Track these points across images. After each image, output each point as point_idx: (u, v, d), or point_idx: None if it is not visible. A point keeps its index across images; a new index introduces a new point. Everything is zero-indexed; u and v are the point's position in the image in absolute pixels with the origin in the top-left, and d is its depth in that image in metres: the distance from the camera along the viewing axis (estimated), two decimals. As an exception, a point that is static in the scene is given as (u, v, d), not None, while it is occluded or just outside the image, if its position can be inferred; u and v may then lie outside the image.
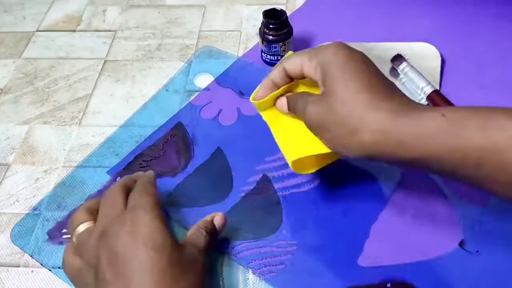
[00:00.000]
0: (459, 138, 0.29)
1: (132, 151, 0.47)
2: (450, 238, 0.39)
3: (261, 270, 0.38)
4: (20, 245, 0.41)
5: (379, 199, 0.42)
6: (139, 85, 0.55)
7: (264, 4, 0.64)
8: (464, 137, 0.29)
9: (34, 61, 0.59)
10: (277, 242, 0.40)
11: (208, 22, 0.62)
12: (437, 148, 0.30)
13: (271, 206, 0.42)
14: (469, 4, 0.60)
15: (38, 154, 0.49)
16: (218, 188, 0.44)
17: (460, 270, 0.37)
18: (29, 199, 0.45)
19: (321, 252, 0.39)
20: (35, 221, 0.43)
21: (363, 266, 0.38)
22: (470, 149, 0.29)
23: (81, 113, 0.52)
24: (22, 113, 0.53)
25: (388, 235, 0.39)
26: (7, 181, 0.47)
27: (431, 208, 0.41)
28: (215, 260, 0.39)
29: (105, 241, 0.32)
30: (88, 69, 0.57)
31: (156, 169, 0.45)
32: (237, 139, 0.47)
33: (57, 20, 0.65)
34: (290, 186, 0.43)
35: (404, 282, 0.37)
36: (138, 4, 0.66)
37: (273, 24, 0.51)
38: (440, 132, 0.29)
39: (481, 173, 0.29)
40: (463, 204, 0.41)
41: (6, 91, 0.56)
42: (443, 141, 0.29)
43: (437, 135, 0.30)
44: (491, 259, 0.37)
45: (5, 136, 0.51)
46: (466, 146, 0.29)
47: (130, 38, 0.61)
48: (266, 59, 0.54)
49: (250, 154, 0.46)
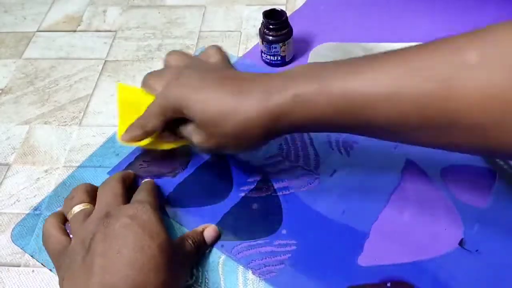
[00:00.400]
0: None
1: (132, 151, 0.47)
2: (450, 238, 0.39)
3: (261, 270, 0.38)
4: (21, 245, 0.41)
5: (379, 199, 0.42)
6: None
7: (264, 4, 0.64)
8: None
9: (34, 61, 0.59)
10: (277, 242, 0.40)
11: (208, 23, 0.62)
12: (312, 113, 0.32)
13: (271, 206, 0.42)
14: (469, 4, 0.60)
15: (39, 154, 0.49)
16: (218, 188, 0.44)
17: (460, 269, 0.37)
18: (29, 199, 0.45)
19: (321, 252, 0.39)
20: (35, 221, 0.43)
21: (363, 265, 0.38)
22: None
23: (81, 113, 0.53)
24: (23, 113, 0.53)
25: (388, 235, 0.39)
26: (8, 181, 0.47)
27: (431, 208, 0.41)
28: (215, 260, 0.39)
29: (106, 222, 0.34)
30: (89, 69, 0.58)
31: (156, 169, 0.45)
32: (237, 139, 0.47)
33: (58, 21, 0.65)
34: (290, 186, 0.43)
35: (404, 281, 0.37)
36: (138, 5, 0.67)
37: (273, 25, 0.51)
38: (296, 108, 0.32)
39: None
40: (463, 204, 0.41)
41: (7, 91, 0.56)
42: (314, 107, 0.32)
43: (295, 108, 0.32)
44: (491, 258, 0.37)
45: (5, 136, 0.51)
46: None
47: (131, 39, 0.61)
48: (266, 59, 0.54)
49: (250, 154, 0.46)
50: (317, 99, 0.31)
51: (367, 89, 0.29)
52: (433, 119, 0.28)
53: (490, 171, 0.43)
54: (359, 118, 0.30)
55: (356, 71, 0.30)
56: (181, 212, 0.42)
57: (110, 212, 0.35)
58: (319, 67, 0.33)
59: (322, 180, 0.43)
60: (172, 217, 0.42)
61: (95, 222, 0.35)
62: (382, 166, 0.44)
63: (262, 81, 0.34)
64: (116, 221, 0.34)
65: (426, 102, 0.28)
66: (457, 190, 0.42)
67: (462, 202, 0.41)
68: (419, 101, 0.28)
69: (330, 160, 0.45)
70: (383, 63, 0.30)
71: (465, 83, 0.26)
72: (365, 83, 0.30)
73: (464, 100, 0.27)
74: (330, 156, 0.45)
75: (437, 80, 0.27)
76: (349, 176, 0.44)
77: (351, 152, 0.45)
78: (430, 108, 0.28)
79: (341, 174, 0.44)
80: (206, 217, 0.41)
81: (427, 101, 0.28)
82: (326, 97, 0.31)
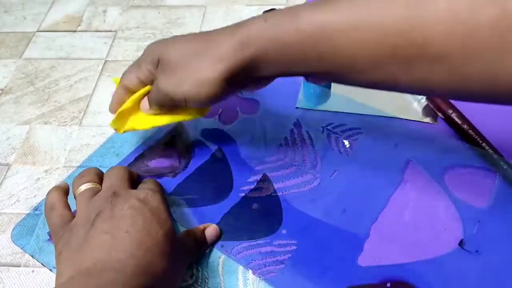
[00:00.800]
0: (278, 30, 0.31)
1: (132, 151, 0.47)
2: (450, 238, 0.39)
3: (261, 270, 0.38)
4: (21, 245, 0.41)
5: (379, 199, 0.42)
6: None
7: (264, 4, 0.64)
8: (281, 29, 0.31)
9: (34, 62, 0.59)
10: (277, 242, 0.40)
11: (208, 23, 0.62)
12: (267, 43, 0.32)
13: (271, 206, 0.42)
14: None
15: (39, 154, 0.49)
16: (218, 188, 0.44)
17: (460, 270, 0.37)
18: (29, 199, 0.45)
19: (321, 252, 0.39)
20: (35, 221, 0.43)
21: (363, 265, 0.38)
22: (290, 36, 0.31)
23: (81, 113, 0.53)
24: (23, 113, 0.53)
25: (388, 235, 0.39)
26: (8, 181, 0.47)
27: (431, 208, 0.41)
28: (215, 260, 0.39)
29: (114, 201, 0.35)
30: (89, 69, 0.58)
31: (156, 169, 0.45)
32: (237, 139, 0.47)
33: (58, 21, 0.65)
34: (290, 186, 0.43)
35: (404, 281, 0.37)
36: (138, 5, 0.66)
37: (273, 24, 0.51)
38: (263, 30, 0.32)
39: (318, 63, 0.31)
40: (463, 204, 0.41)
41: (7, 91, 0.56)
42: (268, 36, 0.32)
43: (262, 31, 0.32)
44: (490, 259, 0.37)
45: (5, 136, 0.51)
46: (285, 35, 0.31)
47: (131, 39, 0.61)
48: (266, 59, 0.54)
49: (250, 154, 0.46)
50: (286, 23, 0.31)
51: (329, 19, 0.29)
52: (395, 49, 0.27)
53: (490, 171, 0.43)
54: (322, 50, 0.30)
55: (323, 4, 0.30)
56: (181, 212, 0.42)
57: (118, 193, 0.36)
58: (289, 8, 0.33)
59: (322, 180, 0.43)
60: (172, 217, 0.42)
61: (102, 200, 0.35)
62: (382, 166, 0.44)
63: (232, 27, 0.35)
64: (125, 202, 0.34)
65: (386, 32, 0.27)
66: (457, 190, 0.42)
67: (462, 202, 0.41)
68: (379, 30, 0.28)
69: (330, 160, 0.45)
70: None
71: (428, 12, 0.26)
72: (328, 14, 0.30)
73: (428, 28, 0.26)
74: (330, 156, 0.45)
75: (399, 8, 0.27)
76: (349, 176, 0.44)
77: (351, 152, 0.45)
78: (391, 37, 0.27)
79: (341, 174, 0.44)
80: (206, 217, 0.41)
81: (388, 31, 0.27)
82: (294, 26, 0.31)
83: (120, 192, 0.36)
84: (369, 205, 0.41)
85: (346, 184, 0.43)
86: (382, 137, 0.37)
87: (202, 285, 0.38)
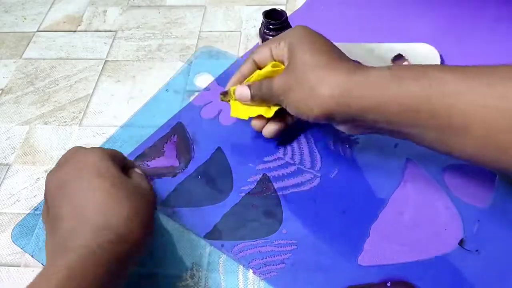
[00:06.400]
0: (398, 88, 0.32)
1: (132, 151, 0.47)
2: (450, 238, 0.39)
3: (261, 270, 0.38)
4: (21, 245, 0.42)
5: (379, 199, 0.42)
6: (140, 85, 0.55)
7: (264, 4, 0.64)
8: (402, 86, 0.32)
9: (34, 62, 0.59)
10: (277, 242, 0.40)
11: (208, 23, 0.62)
12: (381, 98, 0.33)
13: (271, 206, 0.42)
14: (469, 5, 0.60)
15: (39, 154, 0.49)
16: (218, 188, 0.44)
17: (460, 269, 0.37)
18: (29, 199, 0.45)
19: (321, 251, 0.39)
20: (35, 221, 0.43)
21: (363, 265, 0.38)
22: (407, 97, 0.32)
23: (81, 113, 0.53)
24: (23, 113, 0.53)
25: (388, 235, 0.39)
26: (8, 181, 0.47)
27: (431, 207, 0.41)
28: (215, 260, 0.39)
29: (54, 175, 0.35)
30: (89, 69, 0.58)
31: (156, 169, 0.45)
32: (237, 139, 0.47)
33: (58, 21, 0.65)
34: (290, 186, 0.43)
35: (404, 281, 0.37)
36: (138, 5, 0.67)
37: (273, 25, 0.51)
38: (384, 83, 0.33)
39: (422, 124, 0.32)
40: (463, 204, 0.41)
41: (7, 91, 0.56)
42: (386, 91, 0.33)
43: (381, 85, 0.33)
44: (490, 258, 0.38)
45: (6, 136, 0.51)
46: (403, 94, 0.32)
47: (131, 39, 0.61)
48: (266, 59, 0.54)
49: (250, 154, 0.46)
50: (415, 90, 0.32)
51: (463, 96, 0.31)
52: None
53: (490, 171, 0.43)
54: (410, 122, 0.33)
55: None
56: (181, 212, 0.42)
57: (57, 169, 0.36)
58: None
59: (322, 180, 0.43)
60: (172, 217, 0.42)
61: (52, 180, 0.35)
62: (383, 166, 0.44)
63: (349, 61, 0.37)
64: (65, 174, 0.34)
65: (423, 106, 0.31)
66: (457, 189, 0.42)
67: (462, 201, 0.41)
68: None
69: (330, 160, 0.45)
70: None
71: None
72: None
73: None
74: (330, 156, 0.45)
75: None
76: (349, 175, 0.44)
77: (351, 151, 0.45)
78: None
79: (341, 174, 0.44)
80: (206, 217, 0.42)
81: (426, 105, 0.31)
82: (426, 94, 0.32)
83: (61, 167, 0.36)
84: (369, 204, 0.41)
85: (346, 183, 0.43)
86: (382, 137, 0.37)
87: (202, 285, 0.38)
